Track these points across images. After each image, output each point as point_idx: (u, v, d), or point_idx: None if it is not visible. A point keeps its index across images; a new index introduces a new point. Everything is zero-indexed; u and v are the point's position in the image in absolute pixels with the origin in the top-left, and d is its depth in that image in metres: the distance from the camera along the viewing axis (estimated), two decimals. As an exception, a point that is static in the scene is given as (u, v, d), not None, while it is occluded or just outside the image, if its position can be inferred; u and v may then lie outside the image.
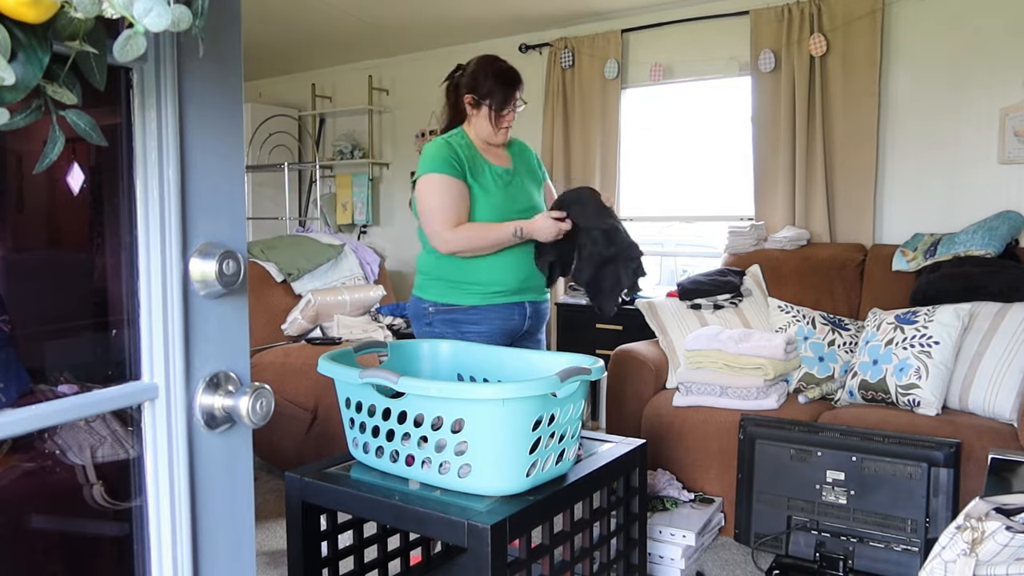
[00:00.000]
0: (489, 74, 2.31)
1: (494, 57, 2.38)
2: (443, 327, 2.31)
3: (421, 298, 2.36)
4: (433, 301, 2.33)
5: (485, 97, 2.30)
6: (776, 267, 3.54)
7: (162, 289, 0.76)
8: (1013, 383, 2.59)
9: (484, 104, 2.31)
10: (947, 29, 3.51)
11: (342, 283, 4.14)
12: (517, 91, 2.34)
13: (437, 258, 2.31)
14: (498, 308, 2.31)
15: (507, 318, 2.33)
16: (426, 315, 2.33)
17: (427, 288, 2.35)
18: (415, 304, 2.39)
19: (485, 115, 2.32)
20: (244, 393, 0.82)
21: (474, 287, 2.29)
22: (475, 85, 2.31)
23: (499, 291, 2.30)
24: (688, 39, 4.21)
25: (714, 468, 2.85)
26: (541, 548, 1.63)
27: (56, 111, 0.62)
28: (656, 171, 4.54)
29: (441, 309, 2.31)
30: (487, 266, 2.28)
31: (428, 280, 2.36)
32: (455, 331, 2.30)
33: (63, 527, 0.91)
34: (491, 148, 2.37)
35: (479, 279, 2.29)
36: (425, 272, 2.37)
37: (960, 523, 1.43)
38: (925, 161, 3.59)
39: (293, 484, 1.74)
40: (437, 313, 2.32)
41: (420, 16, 4.45)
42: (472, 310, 2.30)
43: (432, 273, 2.34)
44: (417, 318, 2.39)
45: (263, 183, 5.77)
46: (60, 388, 0.79)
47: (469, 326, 2.30)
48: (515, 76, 2.34)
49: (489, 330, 2.32)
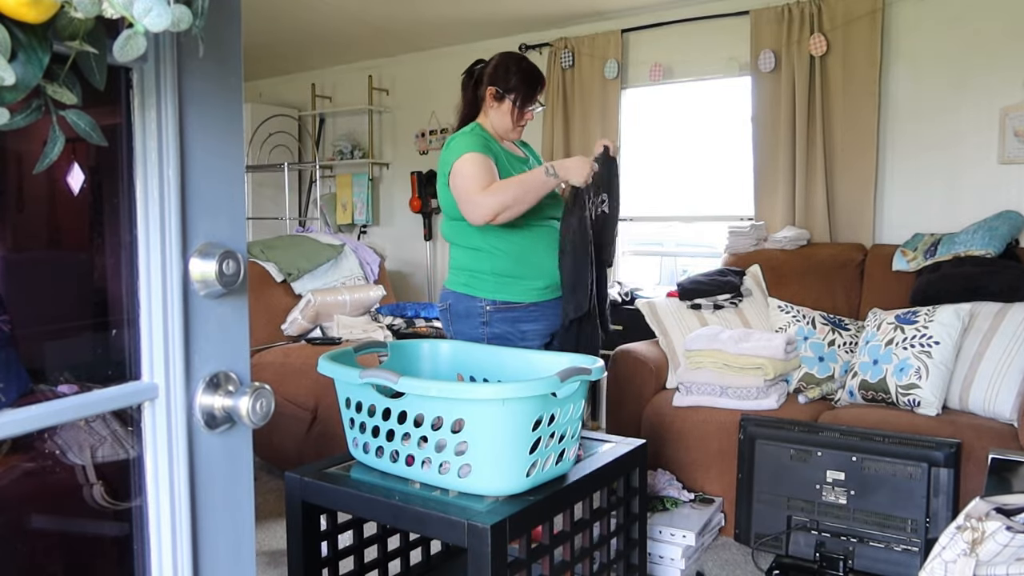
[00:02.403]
0: (516, 70, 2.33)
1: (521, 55, 2.42)
2: (502, 325, 2.27)
3: (473, 296, 2.28)
4: (491, 299, 2.27)
5: (510, 92, 2.31)
6: (776, 267, 3.54)
7: (162, 289, 0.76)
8: (1013, 383, 2.59)
9: (508, 98, 2.32)
10: (947, 29, 3.51)
11: (342, 283, 4.14)
12: (540, 92, 2.36)
13: (489, 252, 2.26)
14: (554, 304, 2.33)
15: (558, 314, 2.34)
16: (482, 313, 2.27)
17: (479, 285, 2.28)
18: (462, 302, 2.30)
19: (507, 109, 2.32)
20: (244, 393, 0.82)
21: (531, 280, 2.28)
22: (501, 78, 2.32)
23: (553, 284, 2.31)
24: (688, 39, 4.21)
25: (714, 468, 2.85)
26: (541, 548, 1.62)
27: (56, 111, 0.62)
28: (656, 171, 4.54)
29: (500, 307, 2.27)
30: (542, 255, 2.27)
31: (479, 276, 2.28)
32: (514, 329, 2.28)
33: (63, 527, 0.91)
34: (506, 143, 2.39)
35: (536, 270, 2.27)
36: (473, 268, 2.30)
37: (960, 523, 1.43)
38: (925, 161, 3.59)
39: (293, 484, 1.74)
40: (496, 311, 2.26)
41: (420, 16, 4.45)
42: (533, 307, 2.29)
43: (483, 268, 2.28)
44: (468, 317, 2.30)
45: (263, 183, 5.77)
46: (60, 388, 0.79)
47: (529, 324, 2.29)
48: (540, 77, 2.37)
49: (546, 327, 2.32)
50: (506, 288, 2.27)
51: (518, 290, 2.28)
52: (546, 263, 2.29)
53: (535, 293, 2.29)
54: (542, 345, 2.35)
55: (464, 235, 2.30)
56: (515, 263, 2.26)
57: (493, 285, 2.27)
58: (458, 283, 2.33)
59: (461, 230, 2.30)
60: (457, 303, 2.32)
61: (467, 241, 2.30)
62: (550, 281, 2.31)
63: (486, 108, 2.36)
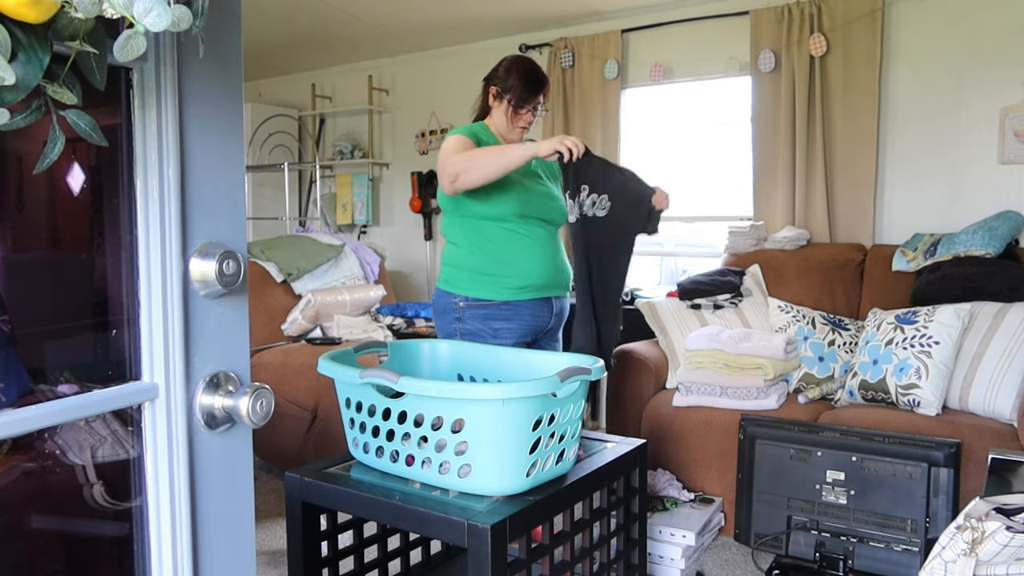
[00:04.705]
0: (517, 71, 2.35)
1: (530, 59, 2.44)
2: (474, 323, 2.27)
3: (449, 292, 2.30)
4: (464, 295, 2.28)
5: (507, 91, 2.34)
6: (776, 267, 3.54)
7: (162, 289, 0.76)
8: (1013, 383, 2.59)
9: (504, 98, 2.34)
10: (947, 29, 3.51)
11: (342, 283, 4.14)
12: (539, 95, 2.36)
13: (468, 248, 2.28)
14: (530, 304, 2.31)
15: (538, 315, 2.33)
16: (455, 309, 2.28)
17: (456, 281, 2.30)
18: (441, 298, 2.33)
19: (504, 109, 2.35)
20: (244, 393, 0.82)
21: (506, 279, 2.27)
22: (500, 78, 2.36)
23: (530, 285, 2.29)
24: (688, 39, 4.21)
25: (714, 468, 2.85)
26: (541, 548, 1.62)
27: (56, 111, 0.62)
28: (656, 171, 4.54)
29: (472, 304, 2.27)
30: (521, 255, 2.27)
31: (457, 272, 2.30)
32: (486, 327, 2.27)
33: (63, 527, 0.91)
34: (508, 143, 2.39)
35: (512, 269, 2.26)
36: (453, 264, 2.32)
37: (960, 523, 1.43)
38: (925, 161, 3.59)
39: (293, 484, 1.74)
40: (468, 308, 2.27)
41: (420, 16, 4.45)
42: (505, 305, 2.28)
43: (461, 264, 2.29)
44: (444, 313, 2.32)
45: (263, 183, 5.77)
46: (60, 388, 0.79)
47: (501, 322, 2.28)
48: (540, 79, 2.37)
49: (520, 327, 2.30)
50: (479, 285, 2.27)
51: (491, 288, 2.27)
52: (525, 264, 2.28)
53: (509, 292, 2.28)
54: (519, 344, 2.32)
55: (451, 230, 2.35)
56: (491, 260, 2.27)
57: (468, 282, 2.29)
58: (441, 279, 2.38)
59: (450, 224, 2.35)
60: (438, 299, 2.36)
61: (452, 236, 2.35)
62: (527, 282, 2.29)
63: (490, 108, 2.40)
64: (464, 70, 2.33)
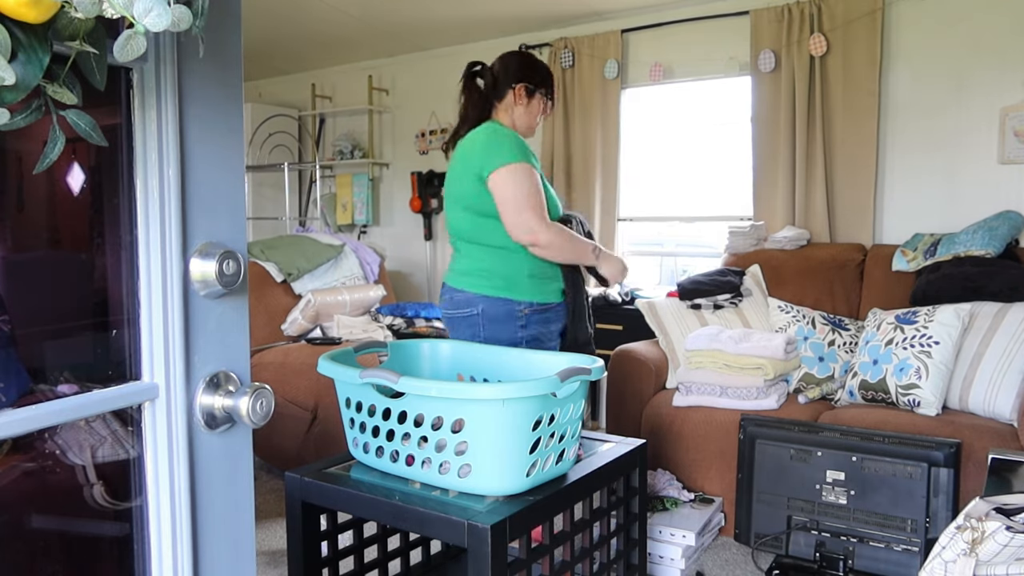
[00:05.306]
0: (539, 65, 2.35)
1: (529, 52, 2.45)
2: (537, 327, 2.27)
3: (509, 299, 2.23)
4: (528, 301, 2.25)
5: (541, 85, 2.32)
6: (776, 267, 3.54)
7: (162, 289, 0.76)
8: (1013, 383, 2.59)
9: (539, 92, 2.32)
10: (947, 29, 3.51)
11: (342, 283, 4.14)
12: None
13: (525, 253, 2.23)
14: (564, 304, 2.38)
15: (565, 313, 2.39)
16: (518, 316, 2.24)
17: (516, 288, 2.24)
18: (499, 306, 2.24)
19: (536, 105, 2.33)
20: (244, 393, 0.82)
21: (556, 282, 2.32)
22: (528, 75, 2.32)
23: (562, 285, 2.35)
24: (688, 39, 4.21)
25: (714, 468, 2.85)
26: (541, 548, 1.62)
27: (56, 111, 0.62)
28: (656, 171, 4.54)
29: (537, 308, 2.27)
30: None
31: (516, 278, 2.24)
32: (547, 330, 2.30)
33: (63, 527, 0.91)
34: None
35: (555, 271, 2.31)
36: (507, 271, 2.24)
37: (960, 523, 1.43)
38: (925, 161, 3.59)
39: (293, 484, 1.74)
40: (533, 313, 2.26)
41: (420, 16, 4.45)
42: (559, 307, 2.34)
43: (521, 269, 2.24)
44: (506, 321, 2.24)
45: (263, 183, 5.77)
46: (60, 388, 0.79)
47: (556, 324, 2.33)
48: None
49: (561, 327, 2.36)
50: (540, 289, 2.28)
51: (550, 291, 2.30)
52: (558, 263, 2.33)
53: (559, 293, 2.34)
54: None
55: (492, 234, 2.23)
56: (543, 264, 2.27)
57: (529, 287, 2.25)
58: (489, 286, 2.24)
59: (491, 228, 2.23)
60: (491, 307, 2.24)
61: (495, 240, 2.23)
62: (563, 282, 2.35)
63: (507, 107, 2.31)
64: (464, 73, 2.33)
